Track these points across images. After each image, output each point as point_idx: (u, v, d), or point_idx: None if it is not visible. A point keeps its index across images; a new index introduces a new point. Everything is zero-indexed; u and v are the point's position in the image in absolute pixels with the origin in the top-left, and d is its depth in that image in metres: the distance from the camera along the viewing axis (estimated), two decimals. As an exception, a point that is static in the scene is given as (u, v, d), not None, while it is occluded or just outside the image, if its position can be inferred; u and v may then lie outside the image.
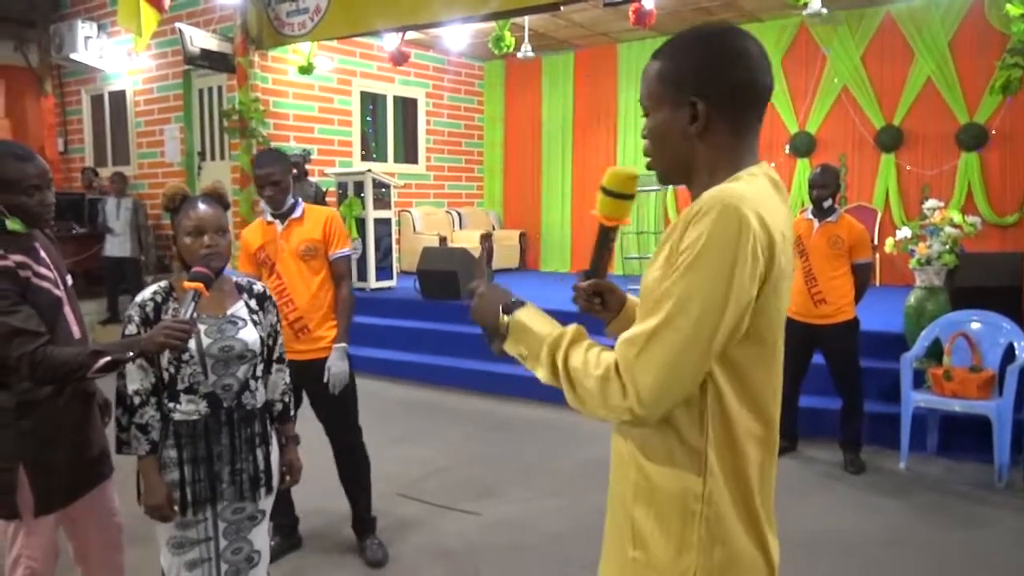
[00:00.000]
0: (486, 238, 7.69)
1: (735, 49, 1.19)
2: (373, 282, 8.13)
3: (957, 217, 4.81)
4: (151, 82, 9.54)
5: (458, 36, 9.14)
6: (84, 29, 9.44)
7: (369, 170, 8.15)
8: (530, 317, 1.28)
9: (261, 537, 2.33)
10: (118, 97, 9.99)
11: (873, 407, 4.65)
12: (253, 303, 2.32)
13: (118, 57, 9.63)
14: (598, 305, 1.51)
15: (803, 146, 8.93)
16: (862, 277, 4.35)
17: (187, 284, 2.04)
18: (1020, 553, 3.43)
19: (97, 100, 10.32)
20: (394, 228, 8.59)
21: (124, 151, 10.01)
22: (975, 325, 4.38)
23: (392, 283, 8.40)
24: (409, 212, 9.91)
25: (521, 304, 1.32)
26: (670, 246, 1.13)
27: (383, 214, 8.26)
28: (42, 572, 2.16)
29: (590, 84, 10.46)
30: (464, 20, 7.33)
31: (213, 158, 9.18)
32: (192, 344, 2.12)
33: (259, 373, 2.29)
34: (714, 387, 1.14)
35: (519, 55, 8.60)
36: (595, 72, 10.38)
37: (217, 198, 2.27)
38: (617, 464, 1.31)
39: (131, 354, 1.96)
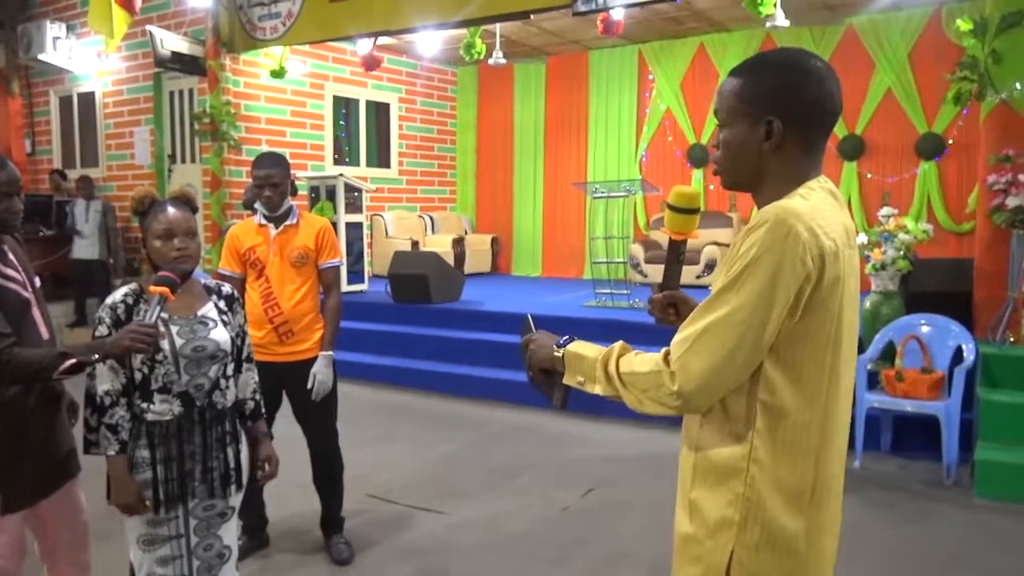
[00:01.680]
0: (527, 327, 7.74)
1: (810, 72, 1.29)
2: (345, 286, 8.13)
3: (911, 224, 4.98)
4: (121, 84, 9.48)
5: (431, 42, 9.21)
6: (53, 29, 9.35)
7: (341, 174, 8.19)
8: (580, 346, 1.43)
9: (231, 533, 2.38)
10: (87, 99, 9.91)
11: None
12: (222, 304, 2.37)
13: (87, 58, 9.56)
14: (672, 316, 1.62)
15: (769, 154, 9.11)
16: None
17: (152, 288, 2.09)
18: (965, 546, 3.59)
19: (66, 101, 10.22)
20: (366, 232, 8.63)
21: (93, 153, 9.93)
22: (925, 328, 4.55)
23: (364, 287, 8.44)
24: (381, 216, 9.95)
25: (571, 340, 1.46)
26: (731, 254, 1.28)
27: (355, 218, 8.29)
28: (8, 569, 2.19)
29: (562, 91, 10.59)
30: (436, 27, 7.41)
31: (184, 161, 9.14)
32: (165, 345, 2.17)
33: (229, 373, 2.34)
34: (765, 381, 1.25)
35: (490, 62, 8.69)
36: (567, 79, 10.52)
37: (186, 201, 2.33)
38: (683, 456, 1.42)
39: (96, 356, 2.01)
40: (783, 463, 1.27)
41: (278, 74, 8.57)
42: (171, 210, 2.25)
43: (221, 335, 2.29)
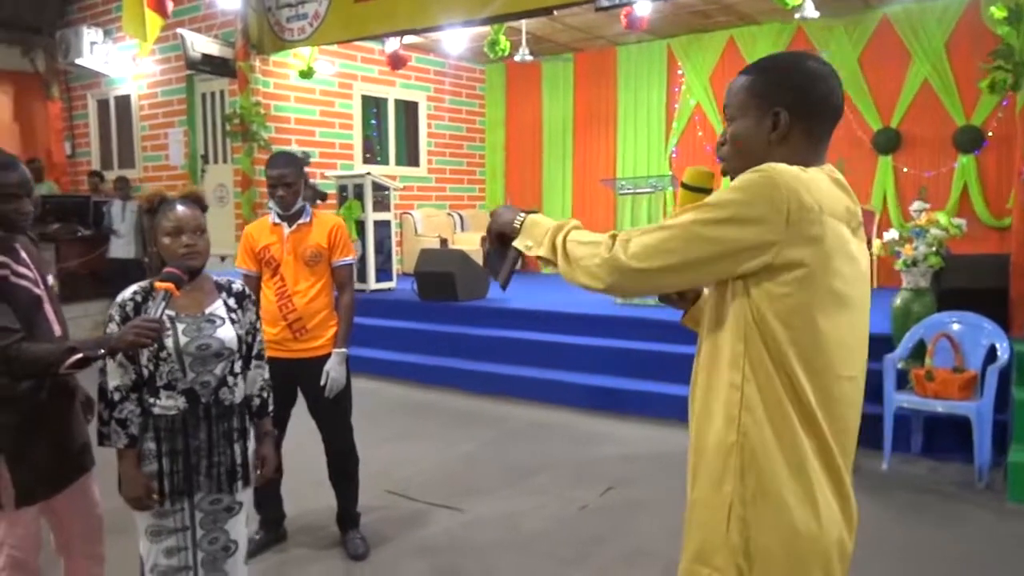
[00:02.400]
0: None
1: (816, 71, 1.38)
2: (373, 283, 8.21)
3: (943, 219, 4.84)
4: (155, 86, 9.68)
5: (457, 40, 9.23)
6: (90, 35, 9.59)
7: (368, 173, 8.24)
8: (541, 217, 1.51)
9: (238, 528, 2.40)
10: (123, 101, 10.14)
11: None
12: (232, 301, 2.39)
13: (123, 62, 9.77)
14: (675, 295, 1.63)
15: (801, 148, 8.94)
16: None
17: (158, 284, 2.12)
18: (996, 551, 3.47)
19: (103, 104, 10.46)
20: (394, 230, 8.67)
21: (129, 154, 10.15)
22: (957, 326, 4.41)
23: (392, 284, 8.48)
24: (411, 214, 10.00)
25: (535, 212, 1.56)
26: None
27: (383, 216, 8.34)
28: (24, 561, 2.24)
29: (590, 87, 10.52)
30: (460, 25, 7.42)
31: (216, 161, 9.30)
32: (169, 342, 2.20)
33: (237, 370, 2.36)
34: (756, 328, 1.28)
35: (516, 59, 8.68)
36: (595, 75, 10.45)
37: (195, 200, 2.35)
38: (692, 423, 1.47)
39: (102, 351, 2.04)
40: (773, 418, 1.28)
41: (306, 74, 8.66)
42: (180, 208, 2.28)
43: (227, 333, 2.31)
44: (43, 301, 2.25)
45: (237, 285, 2.44)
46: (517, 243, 1.50)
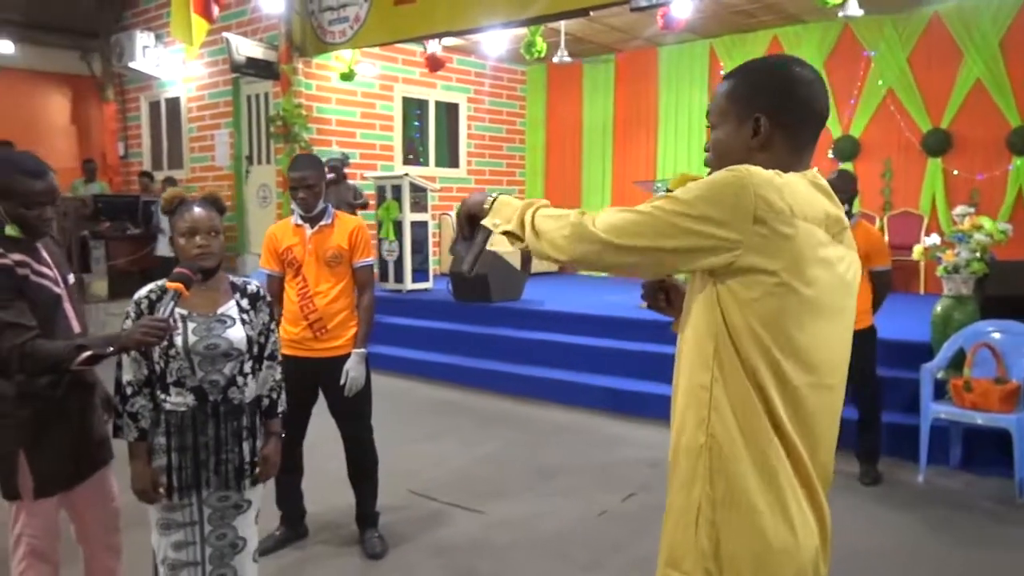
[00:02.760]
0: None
1: (797, 76, 1.35)
2: (409, 284, 8.29)
3: (988, 224, 4.67)
4: (203, 89, 9.93)
5: (497, 42, 9.24)
6: (142, 39, 9.90)
7: (406, 174, 8.31)
8: (511, 198, 1.50)
9: (247, 525, 2.44)
10: (173, 104, 10.43)
11: (894, 418, 4.56)
12: (245, 302, 2.43)
13: (173, 65, 10.05)
14: (663, 301, 1.62)
15: (847, 150, 8.73)
16: (880, 285, 4.27)
17: (168, 284, 2.17)
18: (1032, 571, 3.33)
19: (154, 107, 10.78)
20: (431, 231, 8.72)
21: (178, 155, 10.44)
22: (998, 335, 4.24)
23: (428, 285, 8.54)
24: (450, 215, 10.05)
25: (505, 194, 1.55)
26: None
27: (420, 217, 8.40)
28: (43, 549, 2.32)
29: (631, 87, 10.44)
30: (498, 26, 7.43)
31: (260, 162, 9.50)
32: (179, 340, 2.25)
33: (247, 369, 2.40)
34: (725, 330, 1.25)
35: (555, 60, 8.66)
36: (636, 76, 10.36)
37: (212, 202, 2.40)
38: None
39: (111, 349, 2.10)
40: (742, 421, 1.25)
41: (347, 77, 8.78)
42: (196, 209, 2.33)
43: (237, 334, 2.34)
44: (63, 299, 2.33)
45: (252, 287, 2.48)
46: (486, 221, 1.49)
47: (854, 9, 6.64)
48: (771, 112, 1.33)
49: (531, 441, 5.17)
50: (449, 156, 10.66)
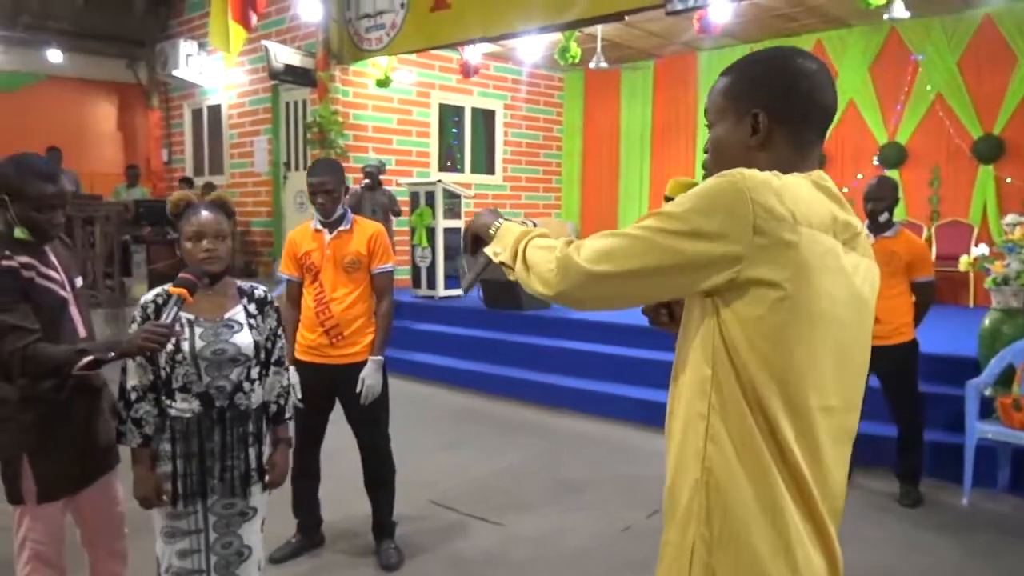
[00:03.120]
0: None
1: (798, 67, 1.24)
2: (441, 290, 8.26)
3: (1040, 234, 4.43)
4: (244, 96, 10.08)
5: (533, 48, 9.19)
6: (186, 47, 10.08)
7: (439, 181, 8.30)
8: (514, 225, 1.41)
9: (252, 533, 2.40)
10: (215, 111, 10.61)
11: (937, 437, 4.34)
12: (252, 307, 2.40)
13: (216, 73, 10.22)
14: (664, 316, 1.53)
15: (893, 157, 8.45)
16: (923, 296, 4.07)
17: (172, 289, 2.14)
18: (1085, 605, 3.12)
19: (197, 114, 10.98)
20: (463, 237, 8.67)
21: (219, 162, 10.61)
22: (1050, 352, 4.02)
23: (461, 291, 8.48)
24: (483, 222, 10.00)
25: (517, 221, 1.47)
26: None
27: (453, 223, 8.38)
28: (46, 554, 2.31)
29: (670, 93, 10.28)
30: (532, 32, 7.38)
31: (297, 168, 9.58)
32: (185, 346, 2.23)
33: (254, 375, 2.36)
34: (724, 352, 1.14)
35: (591, 65, 8.57)
36: (675, 81, 10.21)
37: (220, 205, 2.37)
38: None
39: (112, 354, 2.07)
40: (743, 453, 1.14)
41: (383, 83, 8.81)
42: (203, 213, 2.30)
43: (244, 339, 2.31)
44: (69, 303, 2.32)
45: (260, 292, 2.44)
46: (488, 249, 1.41)
47: (900, 11, 6.44)
48: (770, 107, 1.22)
49: (556, 452, 5.07)
50: (485, 162, 10.62)
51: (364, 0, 8.40)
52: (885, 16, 6.46)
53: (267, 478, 2.41)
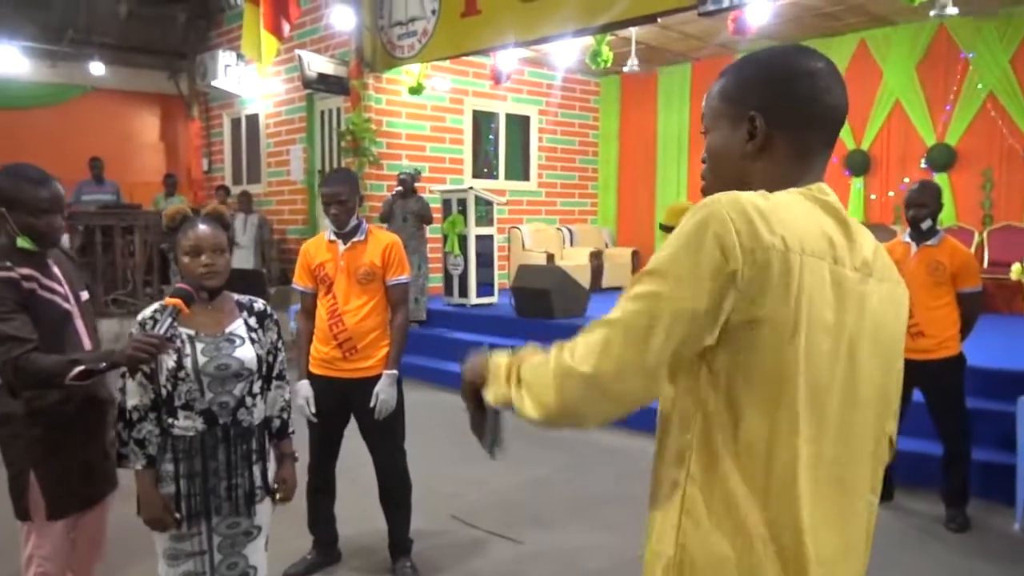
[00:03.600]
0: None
1: (799, 65, 1.12)
2: (474, 298, 8.19)
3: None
4: (280, 105, 10.17)
5: (567, 53, 9.07)
6: (224, 58, 10.21)
7: (471, 188, 8.24)
8: (503, 356, 1.23)
9: (257, 553, 2.35)
10: (253, 120, 10.73)
11: (986, 456, 4.10)
12: (252, 321, 2.35)
13: (253, 83, 10.34)
14: None
15: (941, 159, 8.11)
16: (969, 308, 3.84)
17: (168, 300, 2.10)
18: None
19: (236, 123, 11.13)
20: (497, 244, 8.59)
21: (256, 170, 10.73)
22: (1109, 367, 3.75)
23: (493, 299, 8.42)
24: (519, 229, 9.93)
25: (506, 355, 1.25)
26: None
27: (485, 231, 8.31)
28: (52, 572, 2.28)
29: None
30: (562, 37, 7.27)
31: (332, 176, 9.62)
32: (188, 362, 2.18)
33: (256, 390, 2.31)
34: (703, 410, 1.03)
35: (625, 69, 8.42)
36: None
37: (217, 218, 2.32)
38: None
39: (104, 364, 2.04)
40: (723, 526, 1.01)
41: (416, 91, 8.79)
42: (201, 227, 2.26)
43: (247, 353, 2.26)
44: (73, 316, 2.29)
45: (259, 305, 2.39)
46: (487, 396, 1.22)
47: (949, 8, 6.15)
48: (768, 110, 1.10)
49: (580, 466, 4.94)
50: (519, 169, 10.54)
51: (396, 7, 8.40)
52: (932, 13, 6.18)
53: (277, 495, 2.35)
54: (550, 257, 9.49)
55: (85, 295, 2.40)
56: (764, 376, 0.99)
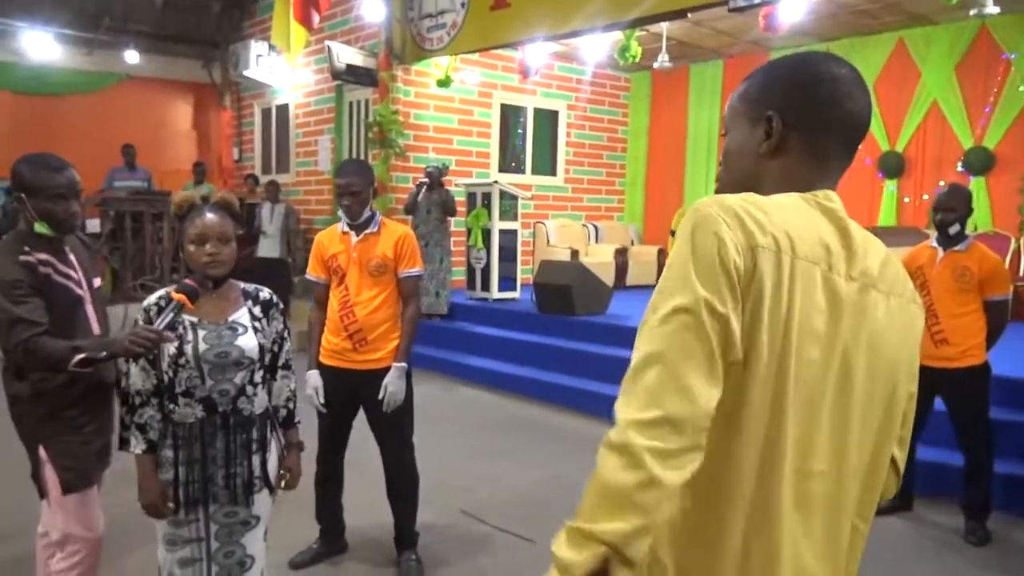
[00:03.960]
0: None
1: (821, 71, 1.11)
2: (495, 292, 8.17)
3: None
4: (310, 96, 10.24)
5: (597, 47, 9.00)
6: (256, 48, 10.28)
7: (496, 181, 8.21)
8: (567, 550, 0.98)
9: (255, 542, 2.35)
10: (283, 110, 10.82)
11: (1008, 467, 3.99)
12: (257, 310, 2.34)
13: (284, 73, 10.41)
14: None
15: (979, 163, 7.91)
16: (996, 316, 3.72)
17: (173, 294, 2.11)
18: None
19: (266, 113, 11.23)
20: (521, 239, 8.55)
21: (286, 160, 10.82)
22: None
23: (515, 294, 8.39)
24: (544, 224, 9.88)
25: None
26: None
27: (509, 225, 8.28)
28: (94, 542, 2.34)
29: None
30: (592, 30, 7.21)
31: (359, 167, 9.66)
32: (188, 349, 2.18)
33: (257, 379, 2.31)
34: None
35: (655, 65, 8.33)
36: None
37: (225, 207, 2.32)
38: None
39: (104, 354, 2.06)
40: (695, 538, 0.98)
41: (444, 83, 8.78)
42: (208, 215, 2.25)
43: (249, 342, 2.26)
44: (85, 301, 2.34)
45: (264, 294, 2.39)
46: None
47: (990, 7, 5.98)
48: (786, 110, 1.10)
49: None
50: (546, 164, 10.49)
51: (427, 0, 8.39)
52: (972, 12, 6.01)
53: (282, 483, 2.36)
54: (574, 253, 9.43)
55: (98, 282, 2.45)
56: (754, 377, 0.96)
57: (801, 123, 1.09)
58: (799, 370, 0.97)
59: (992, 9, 5.98)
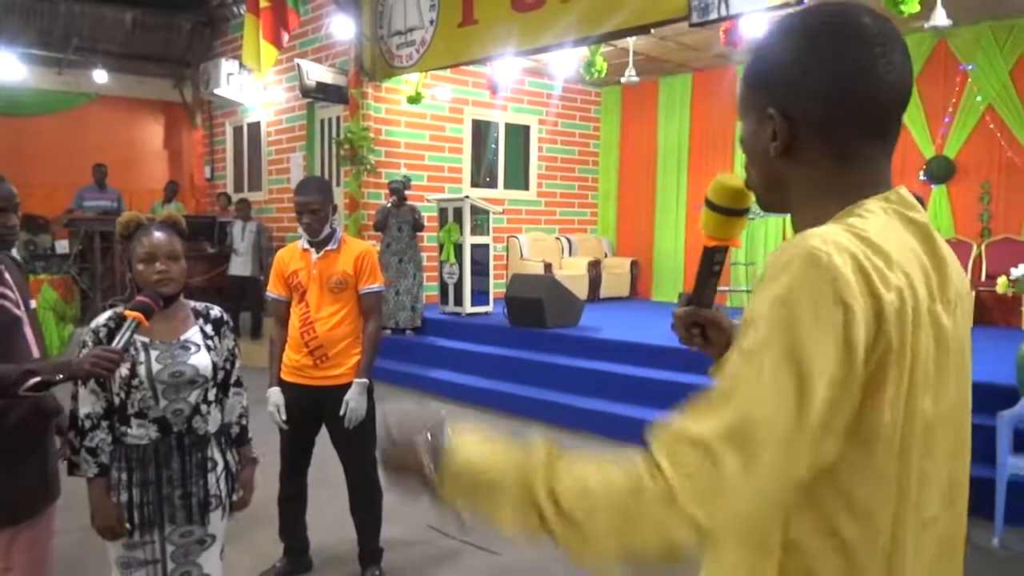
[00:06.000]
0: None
1: (834, 35, 0.87)
2: (468, 307, 8.19)
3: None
4: (281, 113, 10.24)
5: (567, 63, 9.09)
6: (227, 66, 10.30)
7: (467, 196, 8.26)
8: (475, 455, 0.93)
9: (211, 561, 2.35)
10: (254, 128, 10.81)
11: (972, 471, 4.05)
12: (208, 328, 2.35)
13: (255, 91, 10.42)
14: (697, 337, 1.26)
15: (940, 172, 8.07)
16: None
17: (127, 312, 2.10)
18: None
19: (238, 131, 11.22)
20: (493, 253, 8.60)
21: (258, 178, 10.80)
22: (1090, 383, 3.71)
23: (488, 308, 8.42)
24: (517, 238, 9.94)
25: (450, 432, 0.95)
26: (745, 315, 0.86)
27: (482, 239, 8.32)
28: None
29: (708, 107, 10.06)
30: (558, 47, 7.29)
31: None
32: (142, 370, 2.18)
33: (211, 398, 2.31)
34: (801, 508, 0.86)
35: (623, 80, 8.43)
36: (713, 95, 9.97)
37: (172, 225, 2.33)
38: None
39: (60, 376, 2.02)
40: None
41: (414, 100, 8.83)
42: (155, 233, 2.26)
43: (202, 360, 2.27)
44: (23, 323, 2.28)
45: (215, 312, 2.40)
46: (443, 503, 0.94)
47: (941, 19, 6.13)
48: (785, 103, 0.89)
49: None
50: (519, 178, 10.56)
51: (396, 17, 8.45)
52: (925, 25, 6.16)
53: (235, 497, 2.36)
54: (547, 266, 9.49)
55: (33, 303, 2.40)
56: (866, 436, 0.83)
57: (810, 114, 0.88)
58: (920, 425, 0.86)
59: (944, 22, 6.13)
